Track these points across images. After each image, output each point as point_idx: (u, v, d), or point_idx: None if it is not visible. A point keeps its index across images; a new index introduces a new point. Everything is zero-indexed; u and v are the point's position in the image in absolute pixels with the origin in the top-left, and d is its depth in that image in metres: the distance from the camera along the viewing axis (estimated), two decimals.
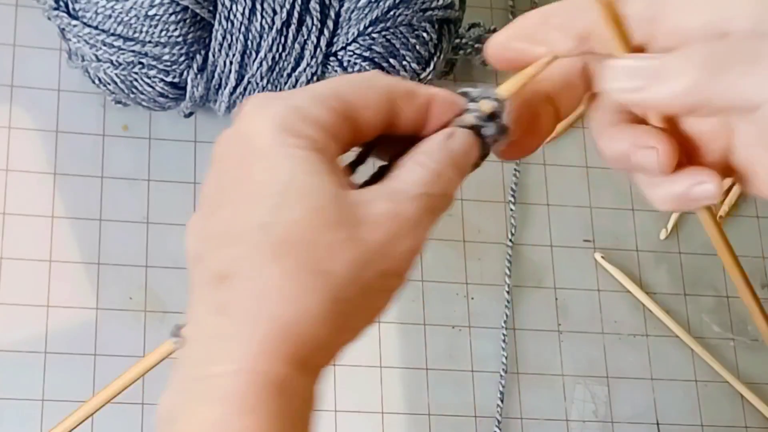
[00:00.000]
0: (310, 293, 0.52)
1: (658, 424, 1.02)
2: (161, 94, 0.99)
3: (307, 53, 0.98)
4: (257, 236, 0.53)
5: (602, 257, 1.07)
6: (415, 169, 0.55)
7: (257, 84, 0.99)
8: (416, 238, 0.54)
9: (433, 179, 0.55)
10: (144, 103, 1.01)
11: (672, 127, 0.56)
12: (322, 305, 0.52)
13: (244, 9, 0.96)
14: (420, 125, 0.57)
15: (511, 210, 1.07)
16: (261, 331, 0.51)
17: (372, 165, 0.57)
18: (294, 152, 0.53)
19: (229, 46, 0.97)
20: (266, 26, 0.97)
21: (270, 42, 0.97)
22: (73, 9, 0.97)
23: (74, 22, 0.97)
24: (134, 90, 0.99)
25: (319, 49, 0.98)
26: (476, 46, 1.08)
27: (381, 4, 0.98)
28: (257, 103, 0.54)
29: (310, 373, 0.52)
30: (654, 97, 0.54)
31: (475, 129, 0.57)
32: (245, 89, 0.99)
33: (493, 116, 0.57)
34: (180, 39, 0.96)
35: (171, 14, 0.95)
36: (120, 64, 0.97)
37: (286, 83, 0.99)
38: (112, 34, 0.96)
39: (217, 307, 0.52)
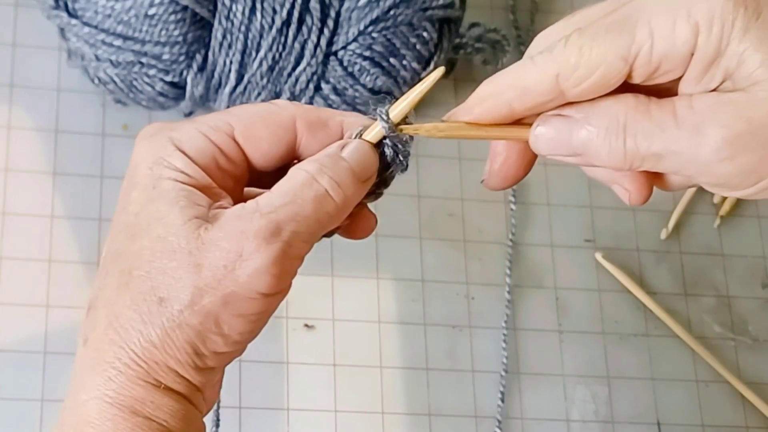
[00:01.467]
0: (149, 320, 0.53)
1: (659, 424, 1.02)
2: (161, 94, 0.99)
3: (307, 53, 0.98)
4: (112, 265, 0.55)
5: (603, 257, 1.07)
6: (292, 174, 0.55)
7: (257, 83, 0.99)
8: (270, 256, 0.53)
9: (309, 184, 0.54)
10: (144, 103, 1.01)
11: None
12: (161, 332, 0.53)
13: (244, 8, 0.96)
14: None
15: (512, 210, 1.07)
16: (111, 358, 0.53)
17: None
18: (159, 183, 0.55)
19: (229, 45, 0.97)
20: (266, 25, 0.97)
21: (270, 41, 0.97)
22: (73, 8, 0.97)
23: (74, 21, 0.97)
24: (134, 89, 0.99)
25: (319, 49, 0.98)
26: (476, 45, 1.08)
27: (381, 3, 0.98)
28: (144, 134, 0.57)
29: (172, 392, 0.54)
30: (584, 166, 0.56)
31: (376, 144, 0.57)
32: (245, 89, 0.99)
33: (394, 134, 0.57)
34: (180, 38, 0.96)
35: (171, 13, 0.95)
36: (119, 64, 0.97)
37: (286, 82, 0.99)
38: (112, 34, 0.96)
39: (83, 337, 0.55)
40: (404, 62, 0.99)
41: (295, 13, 0.97)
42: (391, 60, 0.99)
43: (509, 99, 0.54)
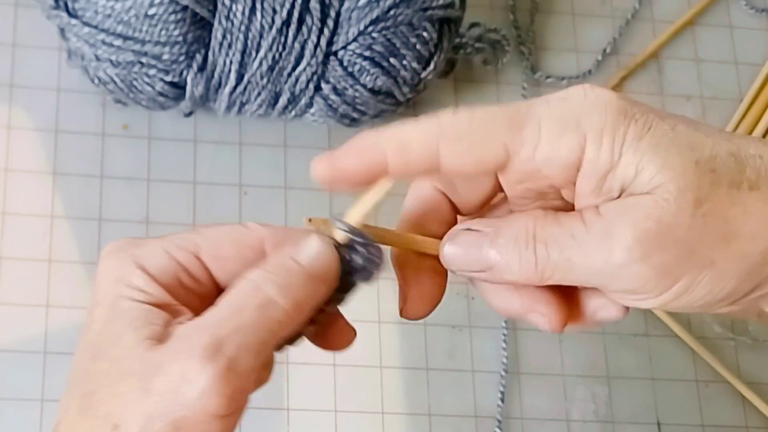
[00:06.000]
0: None
1: (659, 424, 1.02)
2: (161, 94, 0.99)
3: (307, 53, 0.98)
4: (77, 387, 0.54)
5: None
6: (237, 284, 0.53)
7: (257, 83, 0.99)
8: (214, 375, 0.51)
9: (253, 292, 0.53)
10: (144, 103, 1.01)
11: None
12: None
13: (244, 8, 0.96)
14: None
15: None
16: None
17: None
18: (118, 302, 0.53)
19: (229, 45, 0.97)
20: (266, 25, 0.97)
21: (270, 41, 0.97)
22: (73, 8, 0.97)
23: (73, 21, 0.97)
24: (134, 89, 0.99)
25: (319, 49, 0.98)
26: (476, 45, 1.08)
27: (381, 3, 0.98)
28: (108, 250, 0.56)
29: None
30: (491, 283, 0.55)
31: (338, 249, 0.56)
32: (245, 89, 0.99)
33: (353, 243, 0.56)
34: (180, 38, 0.96)
35: (171, 13, 0.95)
36: (119, 64, 0.97)
37: (286, 82, 0.99)
38: (112, 34, 0.96)
39: None
40: (404, 62, 0.99)
41: (295, 13, 0.97)
42: (391, 60, 0.99)
43: (384, 150, 0.53)
